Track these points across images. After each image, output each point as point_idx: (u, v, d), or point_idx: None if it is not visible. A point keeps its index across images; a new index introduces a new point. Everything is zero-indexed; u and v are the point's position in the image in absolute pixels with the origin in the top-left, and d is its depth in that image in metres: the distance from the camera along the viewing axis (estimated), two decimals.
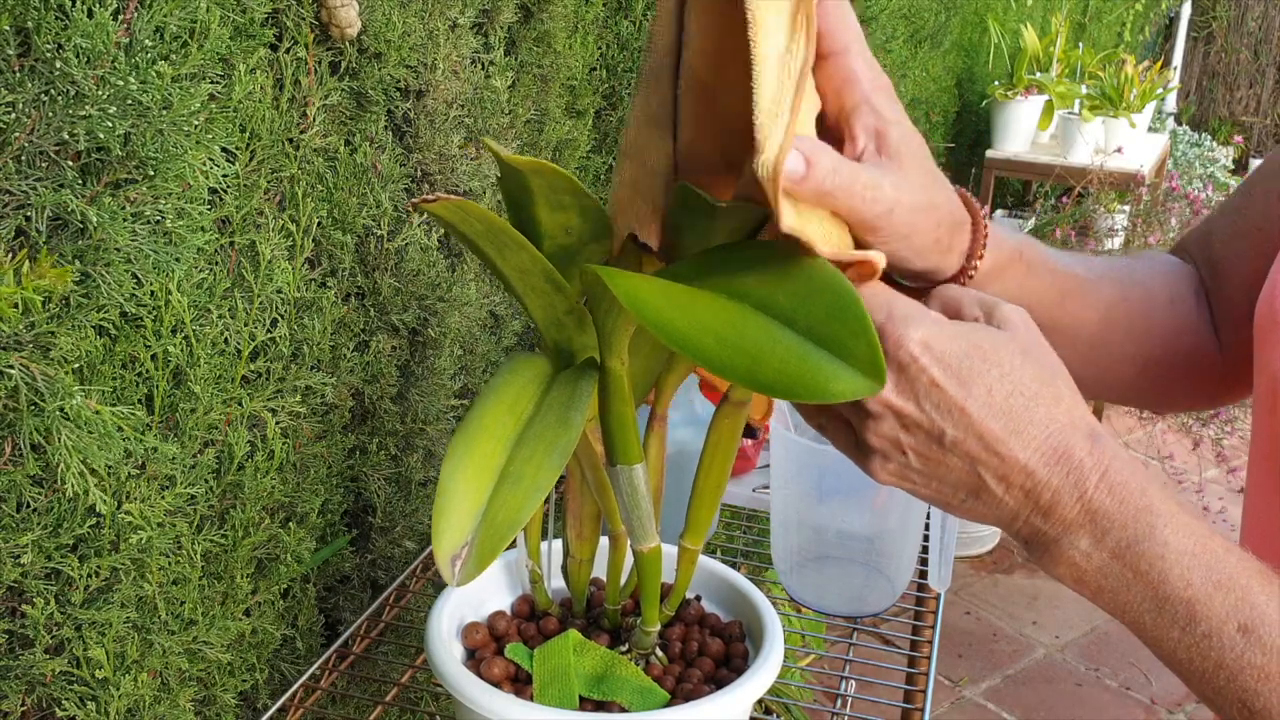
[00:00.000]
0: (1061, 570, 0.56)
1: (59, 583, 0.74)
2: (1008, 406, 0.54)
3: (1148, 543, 0.54)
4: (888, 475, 0.57)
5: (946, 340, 0.54)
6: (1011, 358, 0.55)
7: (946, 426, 0.54)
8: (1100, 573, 0.55)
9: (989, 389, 0.54)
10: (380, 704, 0.93)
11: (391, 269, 1.02)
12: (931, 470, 0.56)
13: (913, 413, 0.55)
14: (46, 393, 0.66)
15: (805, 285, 0.54)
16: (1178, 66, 6.63)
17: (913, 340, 0.54)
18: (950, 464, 0.55)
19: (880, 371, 0.51)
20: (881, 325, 0.55)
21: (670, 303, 0.54)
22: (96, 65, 0.63)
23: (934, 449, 0.55)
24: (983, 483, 0.55)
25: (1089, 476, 0.54)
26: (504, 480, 0.56)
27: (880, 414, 0.55)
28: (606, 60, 1.37)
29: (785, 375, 0.51)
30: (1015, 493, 0.55)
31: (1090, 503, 0.54)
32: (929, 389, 0.54)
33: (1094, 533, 0.54)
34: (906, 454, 0.56)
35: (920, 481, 0.56)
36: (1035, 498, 0.54)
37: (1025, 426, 0.54)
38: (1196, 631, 0.54)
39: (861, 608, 1.03)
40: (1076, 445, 0.54)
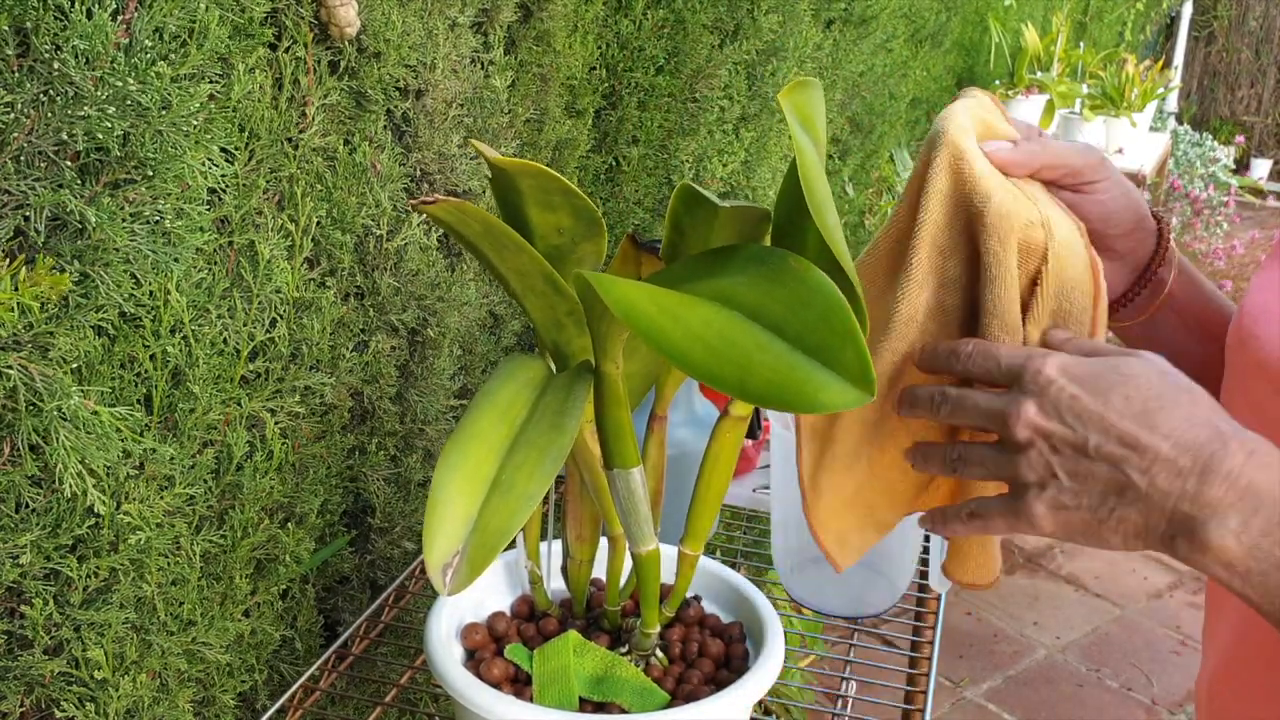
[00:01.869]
0: (1210, 557, 0.55)
1: (58, 583, 0.73)
2: (1145, 409, 0.56)
3: None
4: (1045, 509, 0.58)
5: (1083, 364, 0.59)
6: (1147, 372, 0.58)
7: (1089, 434, 0.57)
8: (1250, 554, 0.54)
9: (1126, 396, 0.57)
10: (379, 705, 0.93)
11: (391, 269, 1.02)
12: (1080, 485, 0.57)
13: (1057, 429, 0.57)
14: (45, 393, 0.65)
15: (797, 291, 0.54)
16: (1179, 66, 6.63)
17: (1050, 365, 0.58)
18: (1096, 472, 0.57)
19: (870, 381, 0.51)
20: (1022, 363, 0.59)
21: (661, 311, 0.54)
22: (95, 66, 0.63)
23: (1080, 462, 0.57)
24: (1128, 480, 0.56)
25: (1235, 456, 0.55)
26: (495, 488, 0.56)
27: (1029, 440, 0.58)
28: (606, 60, 1.37)
29: (774, 385, 0.51)
30: (1160, 482, 0.55)
31: (1239, 480, 0.54)
32: (1070, 403, 0.57)
33: (1243, 511, 0.54)
34: (1059, 476, 0.58)
35: (1073, 504, 0.58)
36: (1183, 481, 0.55)
37: (1163, 422, 0.56)
38: None
39: (862, 608, 1.03)
40: (1220, 430, 0.56)
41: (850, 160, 2.64)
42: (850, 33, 2.27)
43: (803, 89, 0.61)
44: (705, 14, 1.46)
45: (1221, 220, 3.69)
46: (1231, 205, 3.72)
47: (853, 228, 2.72)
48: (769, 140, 1.84)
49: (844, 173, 2.61)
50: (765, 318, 0.53)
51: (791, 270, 0.55)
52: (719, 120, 1.62)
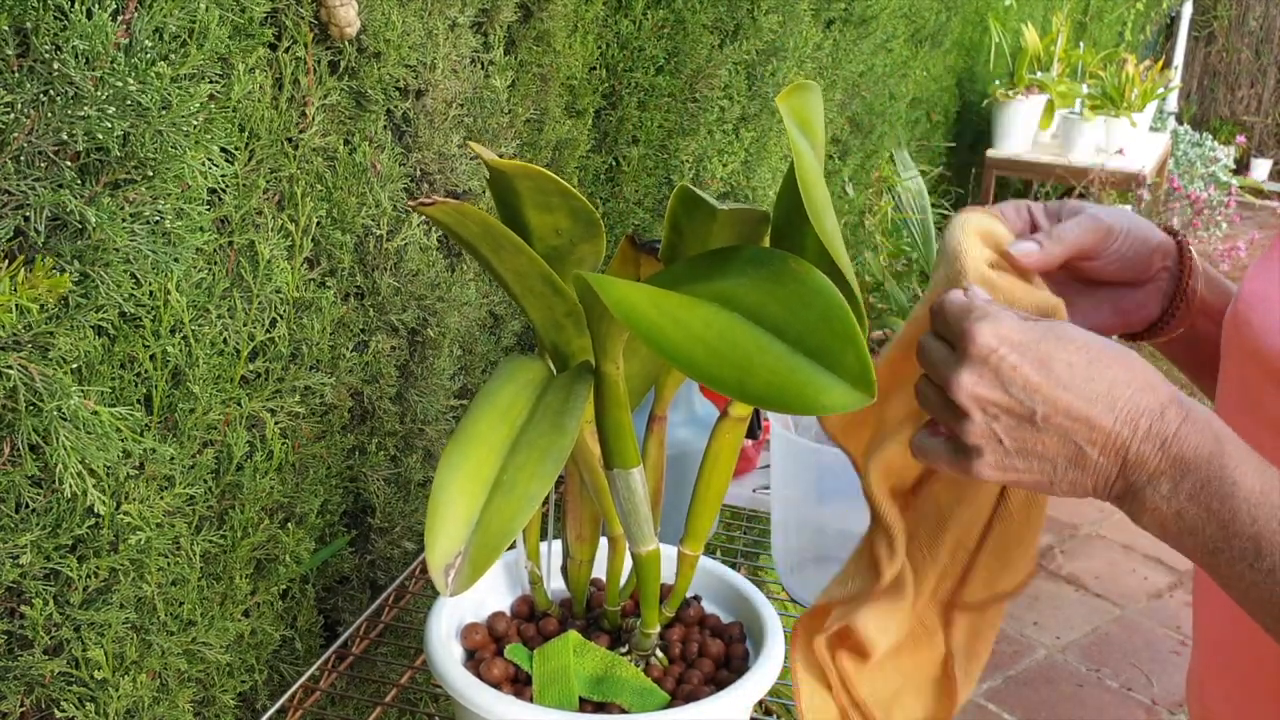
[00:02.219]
0: (1146, 518, 0.59)
1: (58, 583, 0.73)
2: (1089, 376, 0.59)
3: (1218, 483, 0.57)
4: (990, 469, 0.61)
5: (1021, 330, 0.60)
6: (1083, 335, 0.60)
7: (1036, 406, 0.58)
8: (1178, 515, 0.58)
9: (1068, 364, 0.59)
10: (379, 705, 0.93)
11: (391, 269, 1.02)
12: (1030, 450, 0.59)
13: (1000, 399, 0.59)
14: (45, 393, 0.65)
15: (797, 292, 0.54)
16: (1179, 66, 6.63)
17: (987, 334, 0.59)
18: (1046, 441, 0.59)
19: (870, 383, 0.52)
20: (961, 326, 0.60)
21: (661, 312, 0.54)
22: (95, 66, 0.63)
23: (1027, 430, 0.59)
24: (1080, 450, 0.59)
25: (1170, 423, 0.58)
26: (497, 489, 0.56)
27: (968, 408, 0.59)
28: (606, 60, 1.37)
29: (774, 387, 0.51)
30: (1109, 454, 0.58)
31: (1170, 450, 0.58)
32: (1011, 375, 0.59)
33: (1173, 478, 0.58)
34: (1002, 442, 0.60)
35: (1023, 467, 0.60)
36: (1124, 455, 0.58)
37: (1108, 391, 0.58)
38: (1262, 566, 0.56)
39: None
40: (1157, 402, 0.59)
41: (850, 160, 2.64)
42: (850, 33, 2.27)
43: (801, 92, 0.61)
44: (705, 14, 1.46)
45: (1221, 221, 3.69)
46: (1232, 205, 3.71)
47: (852, 228, 2.72)
48: (769, 140, 1.84)
49: (844, 173, 2.61)
50: (765, 319, 0.53)
51: (791, 272, 0.55)
52: (719, 120, 1.62)
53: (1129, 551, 3.07)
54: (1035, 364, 0.59)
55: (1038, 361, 0.59)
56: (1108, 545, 3.09)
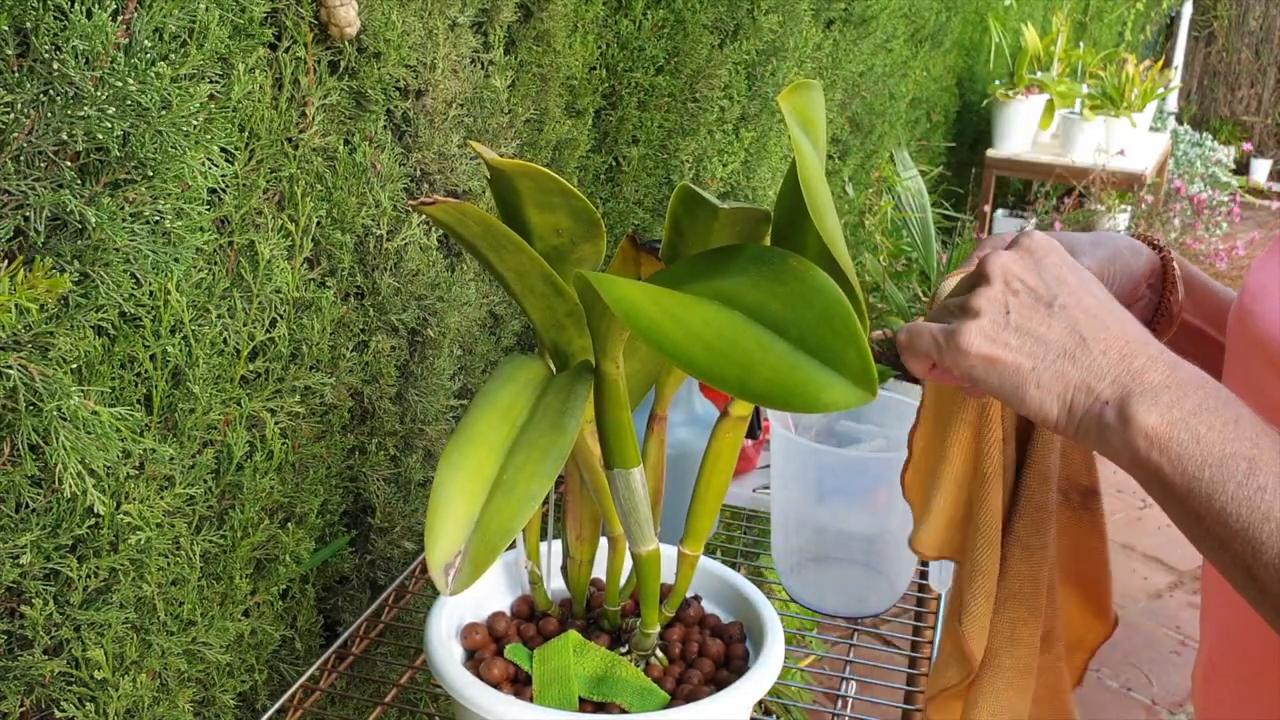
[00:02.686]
0: (1133, 430, 0.58)
1: (58, 583, 0.73)
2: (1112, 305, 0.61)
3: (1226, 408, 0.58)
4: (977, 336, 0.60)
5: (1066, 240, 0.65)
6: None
7: (1059, 293, 0.60)
8: (1174, 426, 0.57)
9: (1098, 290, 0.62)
10: (379, 705, 0.93)
11: (391, 269, 1.02)
12: (1029, 329, 0.60)
13: (1028, 277, 0.61)
14: (45, 393, 0.65)
15: (798, 291, 0.54)
16: (1179, 66, 6.63)
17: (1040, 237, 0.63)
18: (1052, 325, 0.60)
19: (871, 381, 0.52)
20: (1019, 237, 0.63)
21: (662, 311, 0.54)
22: (95, 66, 0.63)
23: (1039, 310, 0.60)
24: (1082, 342, 0.59)
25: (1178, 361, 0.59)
26: (497, 488, 0.56)
27: (993, 276, 0.61)
28: (606, 60, 1.37)
29: (775, 385, 0.51)
30: (1111, 355, 0.59)
31: (1178, 373, 0.59)
32: (1051, 266, 0.61)
33: (1176, 392, 0.58)
34: (1008, 313, 0.60)
35: (1014, 344, 0.60)
36: (1129, 360, 0.59)
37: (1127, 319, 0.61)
38: (1252, 484, 0.56)
39: (862, 608, 1.03)
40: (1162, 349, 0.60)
41: (850, 160, 2.64)
42: (850, 33, 2.27)
43: (802, 91, 0.61)
44: (705, 14, 1.46)
45: (1222, 221, 3.69)
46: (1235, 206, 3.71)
47: (852, 228, 2.72)
48: (769, 140, 1.84)
49: (844, 173, 2.61)
50: (766, 318, 0.53)
51: (792, 270, 0.55)
52: (719, 120, 1.62)
53: (1129, 551, 3.07)
54: (1073, 270, 0.62)
55: (1076, 271, 0.62)
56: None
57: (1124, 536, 3.11)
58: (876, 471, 0.98)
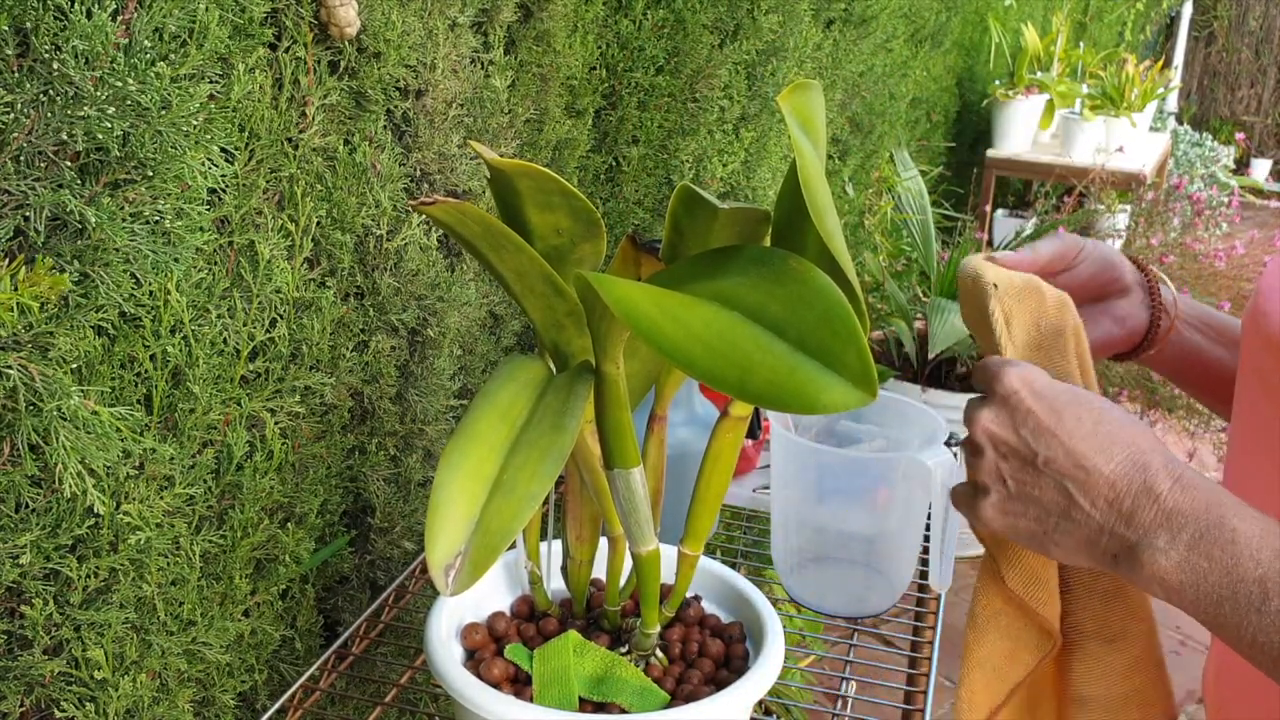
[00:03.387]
0: (1145, 574, 0.59)
1: (57, 583, 0.73)
2: (1094, 431, 0.61)
3: (1218, 530, 0.58)
4: (993, 510, 0.64)
5: (1045, 382, 0.64)
6: (1101, 400, 0.63)
7: (1039, 448, 0.62)
8: (1179, 568, 0.58)
9: (1078, 417, 0.62)
10: (379, 705, 0.93)
11: (391, 269, 1.02)
12: (1027, 494, 0.62)
13: (1009, 438, 0.62)
14: (45, 393, 0.65)
15: (798, 292, 0.54)
16: (1179, 66, 6.63)
17: (1014, 376, 0.63)
18: (1043, 485, 0.62)
19: (871, 383, 0.52)
20: (994, 370, 0.64)
21: (662, 311, 0.54)
22: (95, 66, 0.63)
23: (1028, 472, 0.62)
24: (1072, 500, 0.61)
25: (1163, 482, 0.60)
26: (497, 489, 0.56)
27: (982, 444, 0.63)
28: (606, 60, 1.37)
29: (775, 386, 0.51)
30: (1100, 505, 0.60)
31: (1165, 503, 0.59)
32: (1025, 416, 0.62)
33: (1170, 530, 0.59)
34: (1006, 483, 0.63)
35: (1020, 511, 0.63)
36: (1118, 506, 0.60)
37: (1108, 445, 0.61)
38: (1270, 609, 0.56)
39: (862, 608, 1.03)
40: (1153, 459, 0.61)
41: (850, 160, 2.64)
42: (850, 33, 2.26)
43: (802, 91, 0.61)
44: (705, 14, 1.46)
45: (1221, 221, 3.69)
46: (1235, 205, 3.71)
47: (852, 228, 2.72)
48: (769, 140, 1.84)
49: (844, 173, 2.61)
50: (766, 319, 0.53)
51: (792, 271, 0.55)
52: (719, 120, 1.62)
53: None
54: (1049, 411, 0.62)
55: (1052, 410, 0.62)
56: None
57: None
58: (876, 471, 0.98)
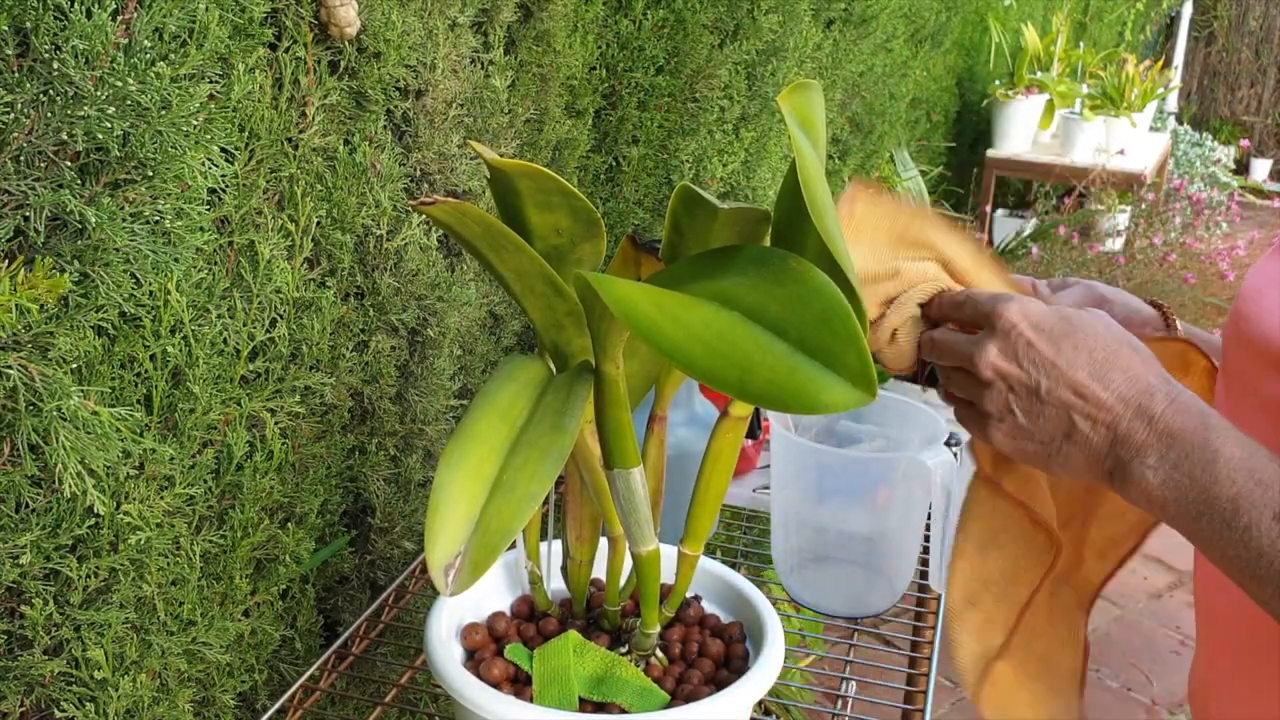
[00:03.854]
0: (1135, 490, 0.63)
1: (58, 583, 0.73)
2: (1091, 359, 0.64)
3: (1201, 451, 0.61)
4: (1003, 437, 0.67)
5: (1040, 311, 0.66)
6: (1094, 324, 0.66)
7: (1041, 379, 0.64)
8: (1165, 484, 0.62)
9: (1075, 346, 0.64)
10: (379, 705, 0.93)
11: (391, 269, 1.02)
12: (1033, 423, 0.65)
13: (1014, 372, 0.65)
14: (45, 393, 0.65)
15: (798, 292, 0.54)
16: (1179, 66, 6.63)
17: (1011, 310, 0.65)
18: (1047, 414, 0.64)
19: (871, 383, 0.53)
20: (991, 307, 0.66)
21: (662, 312, 0.54)
22: (95, 66, 0.63)
23: (1033, 402, 0.65)
24: (1074, 426, 0.64)
25: (1159, 404, 0.63)
26: (497, 489, 0.56)
27: (990, 380, 0.66)
28: (606, 60, 1.37)
29: (775, 386, 0.51)
30: (1100, 429, 0.63)
31: (1158, 424, 0.62)
32: (1026, 349, 0.65)
33: (1160, 449, 0.62)
34: (1015, 413, 0.65)
35: (1027, 436, 0.66)
36: (1115, 429, 0.63)
37: (1106, 372, 0.64)
38: (1239, 524, 0.59)
39: (862, 608, 1.03)
40: (1151, 380, 0.64)
41: (850, 160, 2.64)
42: (850, 33, 2.26)
43: (802, 91, 0.61)
44: (705, 14, 1.46)
45: (1222, 221, 3.69)
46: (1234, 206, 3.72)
47: None
48: (769, 140, 1.84)
49: (844, 173, 2.61)
50: (766, 319, 0.53)
51: (792, 271, 0.55)
52: (719, 120, 1.62)
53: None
54: (1048, 343, 0.65)
55: (1051, 341, 0.65)
56: None
57: None
58: (876, 471, 0.98)
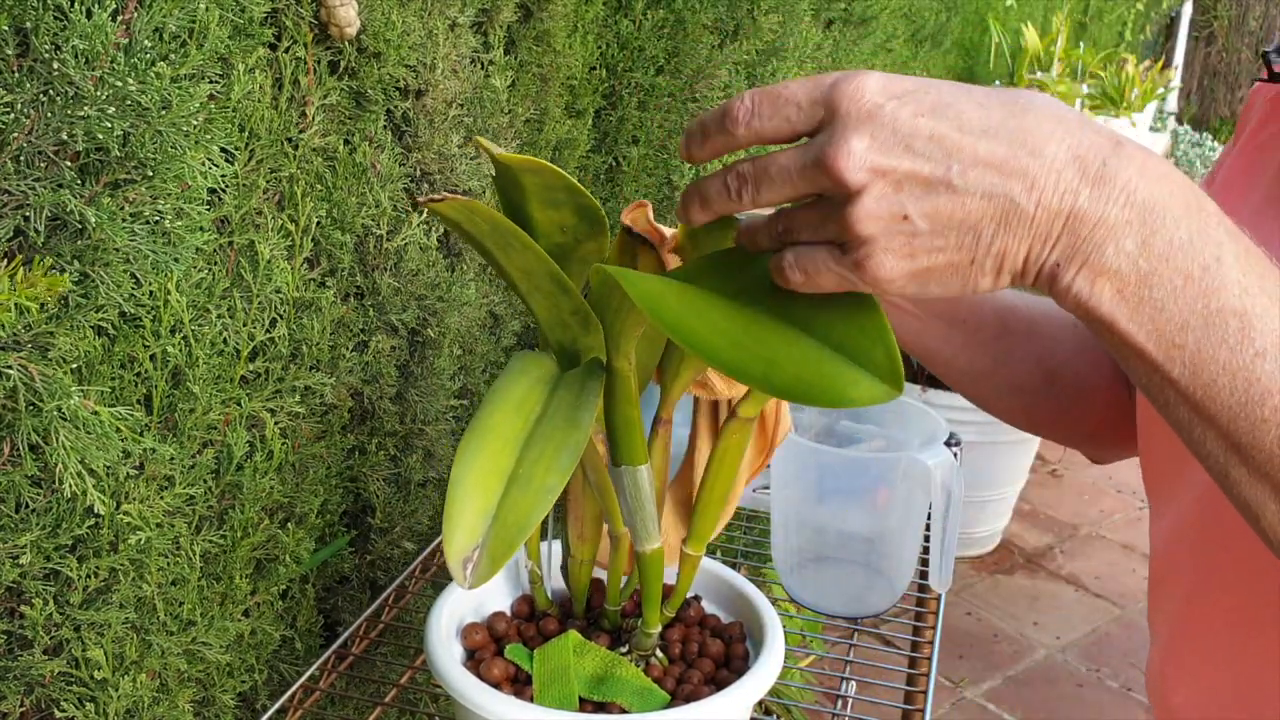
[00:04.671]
0: (1100, 285, 0.47)
1: (58, 583, 0.73)
2: (1005, 119, 0.47)
3: (1201, 242, 0.46)
4: (896, 259, 0.48)
5: (897, 80, 0.48)
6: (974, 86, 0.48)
7: (951, 163, 0.46)
8: (1145, 281, 0.46)
9: (979, 104, 0.47)
10: (379, 705, 0.93)
11: (391, 269, 1.02)
12: (947, 221, 0.47)
13: (903, 164, 0.46)
14: (45, 393, 0.65)
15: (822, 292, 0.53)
16: (1179, 66, 6.63)
17: (869, 86, 0.47)
18: (968, 204, 0.46)
19: (899, 378, 0.48)
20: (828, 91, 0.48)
21: (686, 305, 0.54)
22: (95, 66, 0.63)
23: (941, 196, 0.47)
24: (1011, 204, 0.46)
25: (1128, 166, 0.46)
26: (513, 482, 0.56)
27: (864, 183, 0.47)
28: (606, 60, 1.37)
29: (801, 380, 0.50)
30: (1049, 200, 0.46)
31: (1135, 194, 0.46)
32: (909, 128, 0.46)
33: (1143, 231, 0.46)
34: (911, 219, 0.47)
35: (940, 245, 0.47)
36: (1073, 202, 0.46)
37: (1035, 127, 0.47)
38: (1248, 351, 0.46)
39: (862, 608, 1.03)
40: (1106, 139, 0.47)
41: None
42: (850, 33, 2.26)
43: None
44: (705, 14, 1.46)
45: None
46: None
47: None
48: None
49: None
50: (790, 314, 0.53)
51: None
52: None
53: (1129, 551, 3.07)
54: (932, 113, 0.47)
55: (938, 110, 0.47)
56: (1107, 545, 3.09)
57: (1124, 536, 3.11)
58: (876, 471, 0.98)
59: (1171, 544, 0.72)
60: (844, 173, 0.47)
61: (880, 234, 0.47)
